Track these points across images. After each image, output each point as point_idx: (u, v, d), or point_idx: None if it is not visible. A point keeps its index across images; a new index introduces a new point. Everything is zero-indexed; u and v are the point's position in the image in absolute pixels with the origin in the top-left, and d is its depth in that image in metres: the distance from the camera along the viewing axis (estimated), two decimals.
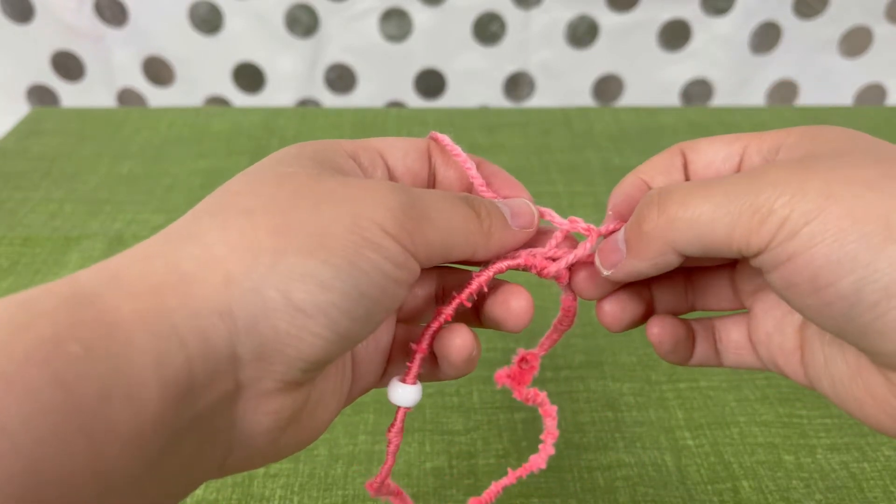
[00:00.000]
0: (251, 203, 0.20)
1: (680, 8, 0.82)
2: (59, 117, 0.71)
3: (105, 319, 0.17)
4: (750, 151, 0.24)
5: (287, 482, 0.36)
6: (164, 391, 0.17)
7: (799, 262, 0.19)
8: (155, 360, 0.17)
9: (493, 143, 0.67)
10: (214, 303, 0.18)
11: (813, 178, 0.19)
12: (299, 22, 0.83)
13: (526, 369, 0.26)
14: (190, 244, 0.19)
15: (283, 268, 0.18)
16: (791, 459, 0.37)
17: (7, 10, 0.82)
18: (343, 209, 0.20)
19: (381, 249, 0.19)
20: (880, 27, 0.82)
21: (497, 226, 0.23)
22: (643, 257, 0.22)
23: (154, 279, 0.18)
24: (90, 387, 0.15)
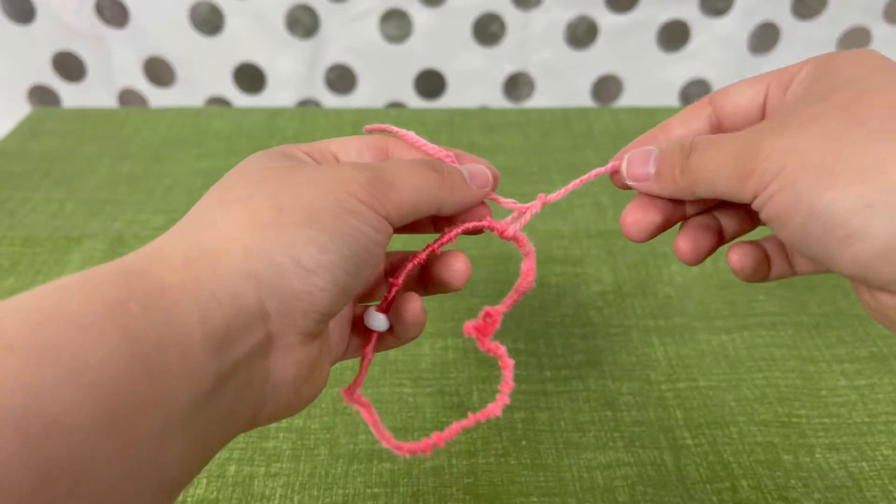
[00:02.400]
0: (247, 192, 0.24)
1: (679, 8, 0.82)
2: (59, 117, 0.72)
3: (154, 288, 0.20)
4: (772, 88, 0.27)
5: (287, 481, 0.37)
6: (207, 342, 0.20)
7: (771, 205, 0.23)
8: (198, 318, 0.20)
9: (493, 143, 0.67)
10: (240, 271, 0.22)
11: (786, 137, 0.23)
12: (299, 22, 0.83)
13: (489, 323, 0.30)
14: (207, 229, 0.23)
15: (287, 238, 0.22)
16: (790, 459, 0.38)
17: (8, 11, 0.82)
18: (323, 187, 0.24)
19: (360, 216, 0.23)
20: (879, 28, 0.82)
21: (458, 183, 0.27)
22: (665, 189, 0.27)
23: (187, 257, 0.22)
24: (149, 337, 0.19)
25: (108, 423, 0.17)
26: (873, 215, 0.21)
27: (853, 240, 0.21)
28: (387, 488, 0.36)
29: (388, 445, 0.30)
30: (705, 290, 0.49)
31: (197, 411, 0.20)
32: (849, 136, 0.22)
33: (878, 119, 0.22)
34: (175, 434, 0.19)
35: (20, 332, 0.17)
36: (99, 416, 0.17)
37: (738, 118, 0.28)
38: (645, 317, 0.47)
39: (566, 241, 0.53)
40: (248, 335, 0.21)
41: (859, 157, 0.21)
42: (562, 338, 0.45)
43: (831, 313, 0.47)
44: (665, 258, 0.52)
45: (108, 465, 0.17)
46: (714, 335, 0.45)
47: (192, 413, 0.20)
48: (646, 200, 0.28)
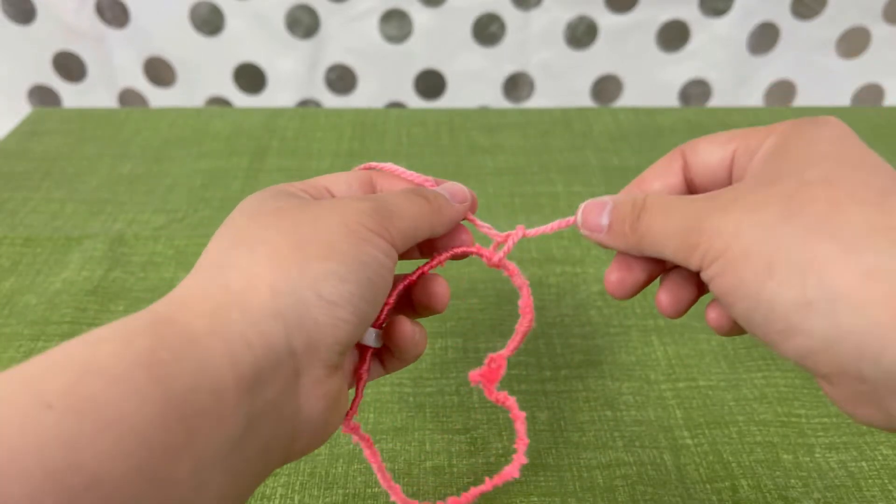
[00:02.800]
0: (263, 233, 0.25)
1: (678, 9, 0.82)
2: (60, 118, 0.72)
3: (184, 334, 0.21)
4: (739, 153, 0.27)
5: (288, 481, 0.37)
6: (240, 383, 0.21)
7: (716, 285, 0.24)
8: (229, 360, 0.21)
9: (493, 143, 0.67)
10: (268, 310, 0.22)
11: (733, 216, 0.23)
12: (300, 23, 0.83)
13: (494, 369, 0.30)
14: (231, 271, 0.23)
15: (309, 273, 0.23)
16: (789, 458, 0.38)
17: (8, 11, 0.82)
18: (335, 220, 0.25)
19: (372, 243, 0.25)
20: (878, 28, 0.82)
21: (443, 204, 0.29)
22: (617, 244, 0.28)
23: (214, 301, 0.22)
24: (181, 383, 0.19)
25: (145, 470, 0.18)
26: (811, 313, 0.21)
27: (793, 333, 0.22)
28: None
29: (396, 499, 0.31)
30: None
31: (232, 451, 0.20)
32: (787, 230, 0.22)
33: (815, 214, 0.22)
34: (211, 475, 0.20)
35: (58, 390, 0.18)
36: (136, 465, 0.18)
37: (707, 178, 0.28)
38: (645, 316, 0.47)
39: (566, 241, 0.53)
40: (278, 373, 0.22)
41: (797, 253, 0.22)
42: (562, 338, 0.45)
43: None
44: None
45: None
46: (713, 335, 0.45)
47: (227, 453, 0.20)
48: (628, 258, 0.29)
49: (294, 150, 0.66)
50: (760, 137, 0.26)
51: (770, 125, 0.26)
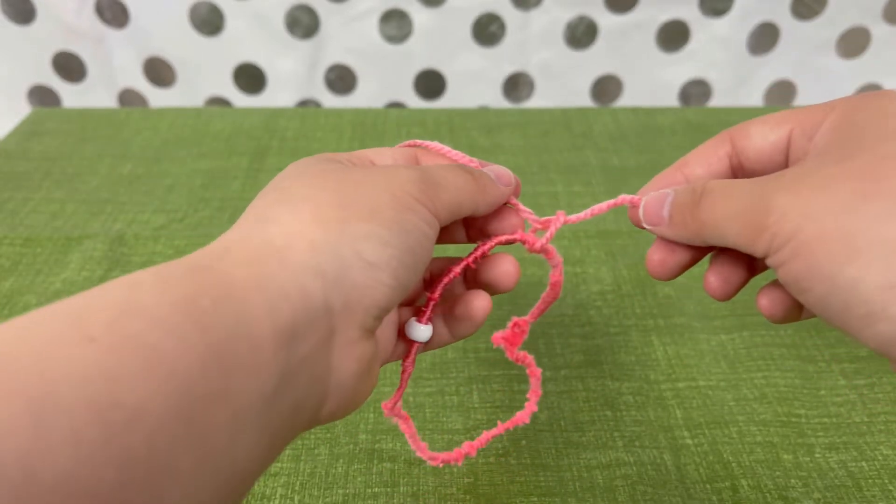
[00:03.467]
0: (307, 191, 0.24)
1: (678, 9, 0.82)
2: (60, 118, 0.72)
3: (223, 282, 0.20)
4: (796, 134, 0.26)
5: (288, 481, 0.37)
6: (277, 336, 0.20)
7: (785, 270, 0.23)
8: (267, 312, 0.20)
9: (493, 143, 0.67)
10: (307, 264, 0.22)
11: (801, 195, 0.22)
12: (299, 23, 0.83)
13: (518, 333, 0.31)
14: (272, 225, 0.23)
15: (350, 232, 0.23)
16: (789, 458, 0.38)
17: (8, 12, 0.82)
18: (380, 185, 0.24)
19: (416, 212, 0.24)
20: (878, 28, 0.82)
21: (488, 183, 0.28)
22: (679, 235, 0.27)
23: (254, 252, 0.22)
24: (220, 330, 0.19)
25: (184, 414, 0.18)
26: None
27: (875, 319, 0.21)
28: (387, 488, 0.36)
29: (423, 456, 0.31)
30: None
31: (265, 405, 0.20)
32: (868, 208, 0.21)
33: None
34: (245, 427, 0.19)
35: (100, 325, 0.18)
36: (175, 407, 0.17)
37: (760, 163, 0.27)
38: (644, 316, 0.47)
39: (566, 241, 0.53)
40: (314, 330, 0.22)
41: (880, 232, 0.20)
42: (561, 338, 0.45)
43: None
44: None
45: (184, 456, 0.18)
46: (713, 335, 0.45)
47: (261, 407, 0.20)
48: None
49: (294, 150, 0.66)
50: (819, 115, 0.25)
51: (826, 102, 0.26)
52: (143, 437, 0.17)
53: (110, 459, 0.16)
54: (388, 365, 0.44)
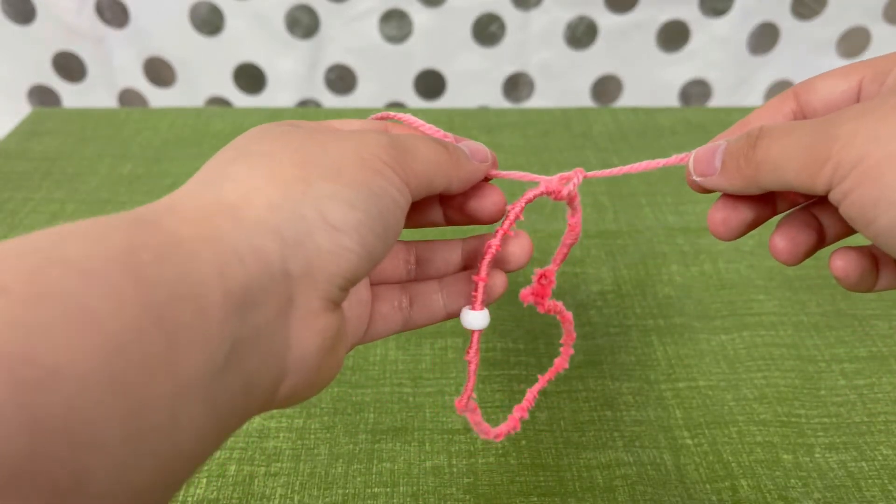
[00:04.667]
0: (269, 147, 0.23)
1: (678, 9, 0.82)
2: (60, 118, 0.72)
3: (168, 238, 0.18)
4: (867, 81, 0.25)
5: (287, 481, 0.37)
6: (227, 299, 0.18)
7: (850, 200, 0.21)
8: (218, 273, 0.18)
9: (493, 143, 0.67)
10: (264, 225, 0.20)
11: (869, 121, 0.21)
12: (299, 23, 0.83)
13: (546, 284, 0.29)
14: (227, 182, 0.21)
15: (314, 192, 0.21)
16: (789, 458, 0.38)
17: (8, 12, 0.82)
18: (346, 147, 0.23)
19: (385, 177, 0.23)
20: (878, 28, 0.82)
21: (463, 158, 0.26)
22: (732, 183, 0.25)
23: (205, 209, 0.20)
24: (162, 288, 0.17)
25: (113, 380, 0.15)
26: None
27: None
28: (387, 488, 0.36)
29: (486, 437, 0.30)
30: (704, 289, 0.49)
31: (214, 378, 0.18)
32: None
33: None
34: (189, 401, 0.17)
35: (17, 275, 0.16)
36: (102, 370, 0.15)
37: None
38: (644, 317, 0.47)
39: None
40: (270, 295, 0.20)
41: None
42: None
43: (831, 313, 0.47)
44: (664, 258, 0.52)
45: (112, 428, 0.15)
46: (713, 335, 0.45)
47: (209, 380, 0.18)
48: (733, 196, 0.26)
49: None
50: (891, 60, 0.24)
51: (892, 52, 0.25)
52: (60, 401, 0.14)
53: (21, 424, 0.14)
54: (398, 360, 0.44)
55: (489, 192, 0.28)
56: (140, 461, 0.16)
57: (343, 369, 0.43)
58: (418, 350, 0.44)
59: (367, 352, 0.44)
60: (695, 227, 0.55)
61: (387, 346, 0.45)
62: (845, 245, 0.26)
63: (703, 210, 0.57)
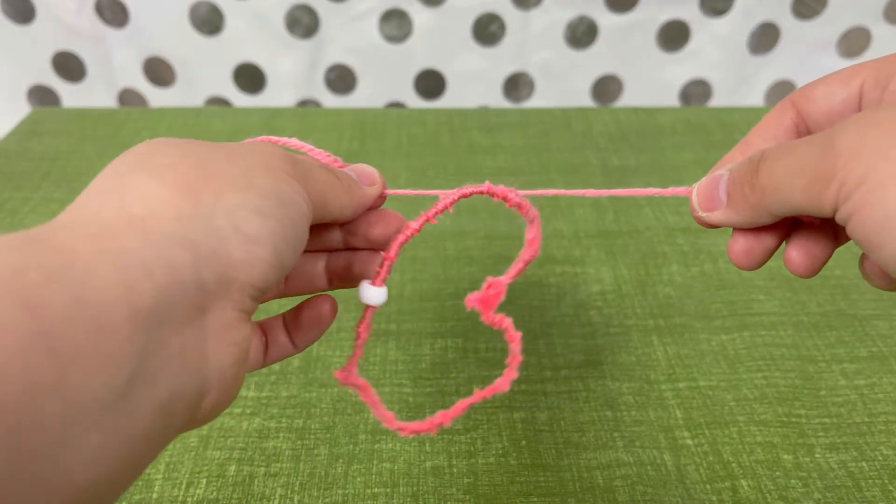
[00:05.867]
0: (172, 159, 0.21)
1: (679, 9, 0.82)
2: (59, 118, 0.72)
3: (61, 255, 0.17)
4: (868, 87, 0.23)
5: (287, 481, 0.37)
6: (134, 318, 0.17)
7: (856, 222, 0.19)
8: (123, 291, 0.17)
9: (493, 143, 0.67)
10: (174, 235, 0.19)
11: (873, 134, 0.19)
12: (299, 23, 0.83)
13: (493, 295, 0.28)
14: (128, 194, 0.20)
15: (225, 201, 0.21)
16: (789, 459, 0.38)
17: (8, 11, 0.82)
18: (252, 158, 0.22)
19: (293, 187, 0.22)
20: (878, 28, 0.82)
21: (352, 185, 0.26)
22: (741, 214, 0.24)
23: (106, 223, 0.19)
24: (53, 310, 0.16)
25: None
26: None
27: None
28: (387, 488, 0.36)
29: (390, 427, 0.29)
30: (705, 289, 0.49)
31: (117, 400, 0.17)
32: None
33: None
34: (85, 427, 0.16)
35: None
36: None
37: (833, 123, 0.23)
38: (645, 317, 0.47)
39: (566, 241, 0.53)
40: (182, 309, 0.19)
41: None
42: (562, 338, 0.45)
43: (831, 313, 0.47)
44: (664, 258, 0.52)
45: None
46: (714, 335, 0.45)
47: (111, 402, 0.17)
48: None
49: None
50: (892, 62, 0.23)
51: (892, 54, 0.23)
52: None
53: None
54: (398, 360, 0.43)
55: (385, 215, 0.28)
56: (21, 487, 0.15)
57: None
58: (418, 350, 0.44)
59: (367, 352, 0.44)
60: (695, 227, 0.55)
61: (387, 347, 0.45)
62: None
63: None
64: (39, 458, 0.15)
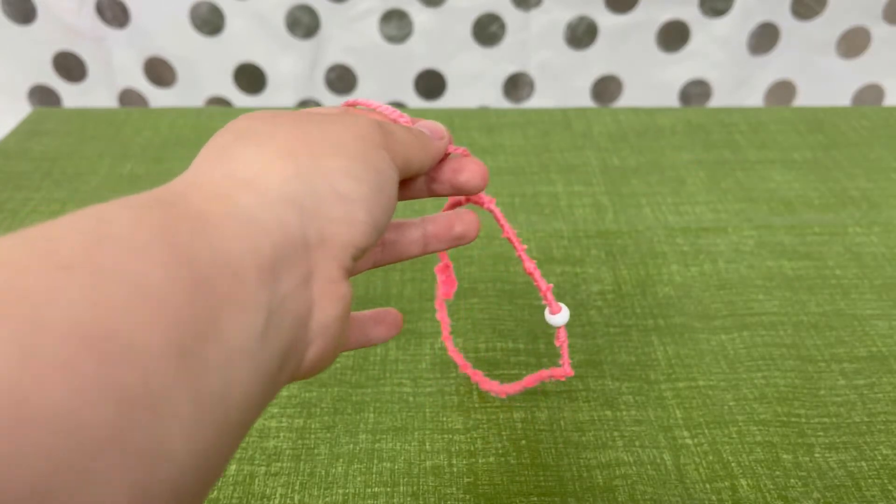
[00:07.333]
0: (268, 129, 0.23)
1: (679, 9, 0.82)
2: (60, 118, 0.72)
3: (197, 214, 0.19)
4: None
5: (288, 480, 0.37)
6: (260, 270, 0.19)
7: None
8: (249, 246, 0.19)
9: (493, 143, 0.67)
10: (282, 196, 0.21)
11: None
12: (300, 23, 0.83)
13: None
14: (235, 163, 0.22)
15: (322, 166, 0.22)
16: (789, 458, 0.38)
17: (8, 12, 0.82)
18: (342, 127, 0.24)
19: (380, 154, 0.24)
20: (878, 28, 0.82)
21: (426, 140, 0.28)
22: None
23: (222, 186, 0.21)
24: (202, 262, 0.18)
25: (178, 351, 0.16)
26: None
27: None
28: (387, 488, 0.36)
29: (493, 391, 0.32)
30: (704, 289, 0.49)
31: (255, 346, 0.19)
32: None
33: None
34: (238, 367, 0.18)
35: (75, 253, 0.16)
36: (169, 341, 0.16)
37: None
38: (644, 316, 0.47)
39: (566, 241, 0.53)
40: (295, 265, 0.20)
41: None
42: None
43: (831, 313, 0.47)
44: (664, 258, 0.52)
45: (183, 395, 0.16)
46: (713, 335, 0.45)
47: (252, 347, 0.18)
48: None
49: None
50: None
51: None
52: (139, 373, 0.15)
53: (107, 394, 0.14)
54: (398, 360, 0.43)
55: (468, 163, 0.30)
56: (204, 429, 0.17)
57: (343, 369, 0.43)
58: (418, 350, 0.44)
59: (368, 352, 0.44)
60: (695, 227, 0.55)
61: (387, 346, 0.45)
62: None
63: (703, 210, 0.57)
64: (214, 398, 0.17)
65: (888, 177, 0.61)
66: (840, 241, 0.53)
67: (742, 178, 0.60)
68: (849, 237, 0.53)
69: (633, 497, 0.36)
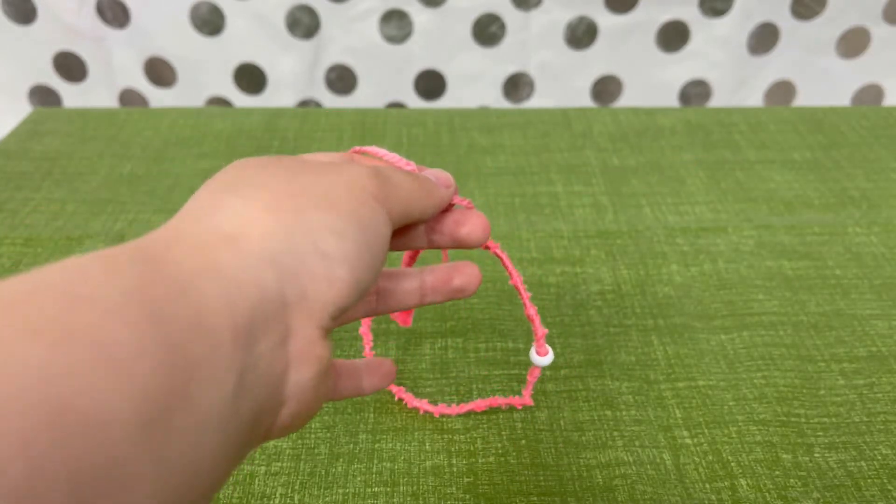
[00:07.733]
0: (259, 180, 0.23)
1: (678, 9, 0.82)
2: (60, 118, 0.72)
3: (176, 272, 0.19)
4: None
5: (288, 480, 0.37)
6: (235, 332, 0.19)
7: None
8: (226, 306, 0.19)
9: (493, 143, 0.67)
10: (262, 254, 0.20)
11: None
12: (300, 23, 0.83)
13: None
14: (219, 213, 0.22)
15: (306, 222, 0.22)
16: (789, 458, 0.38)
17: (9, 12, 0.82)
18: (334, 179, 0.24)
19: (372, 209, 0.24)
20: (878, 28, 0.82)
21: (431, 187, 0.28)
22: None
23: (204, 241, 0.20)
24: (177, 324, 0.17)
25: (144, 419, 0.16)
26: None
27: None
28: (387, 487, 0.36)
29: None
30: (704, 289, 0.49)
31: (226, 410, 0.18)
32: None
33: None
34: (207, 434, 0.18)
35: (45, 316, 0.15)
36: (134, 410, 0.15)
37: None
38: (644, 316, 0.47)
39: (566, 241, 0.53)
40: (271, 326, 0.20)
41: None
42: (561, 338, 0.45)
43: (830, 313, 0.47)
44: (664, 258, 0.52)
45: (146, 464, 0.16)
46: (713, 335, 0.45)
47: (223, 411, 0.18)
48: None
49: (294, 150, 0.66)
50: None
51: None
52: (99, 446, 0.15)
53: (63, 470, 0.14)
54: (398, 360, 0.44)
55: (471, 216, 0.29)
56: (170, 495, 0.16)
57: None
58: (418, 350, 0.44)
59: None
60: (695, 227, 0.55)
61: (387, 346, 0.45)
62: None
63: (703, 210, 0.57)
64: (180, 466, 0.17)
65: (888, 177, 0.61)
66: (840, 241, 0.53)
67: (742, 179, 0.60)
68: (848, 237, 0.53)
69: (632, 497, 0.36)
